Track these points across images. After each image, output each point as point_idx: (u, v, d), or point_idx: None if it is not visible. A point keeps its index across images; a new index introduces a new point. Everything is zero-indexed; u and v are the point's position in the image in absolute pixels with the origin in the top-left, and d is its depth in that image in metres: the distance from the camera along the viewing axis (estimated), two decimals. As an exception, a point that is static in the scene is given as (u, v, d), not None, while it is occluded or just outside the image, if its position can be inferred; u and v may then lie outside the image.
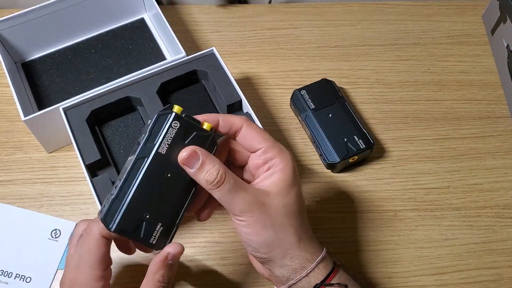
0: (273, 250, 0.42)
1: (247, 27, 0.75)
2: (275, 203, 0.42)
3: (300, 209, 0.44)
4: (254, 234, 0.42)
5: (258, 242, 0.42)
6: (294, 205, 0.43)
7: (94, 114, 0.57)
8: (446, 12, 0.78)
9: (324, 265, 0.44)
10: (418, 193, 0.62)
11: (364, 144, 0.61)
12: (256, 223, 0.42)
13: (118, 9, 0.70)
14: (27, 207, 0.59)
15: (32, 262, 0.56)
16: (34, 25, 0.65)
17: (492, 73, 0.72)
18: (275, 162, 0.43)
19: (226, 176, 0.41)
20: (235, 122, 0.44)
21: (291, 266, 0.43)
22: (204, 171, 0.41)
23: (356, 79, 0.70)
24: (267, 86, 0.69)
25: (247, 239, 0.42)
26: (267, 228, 0.42)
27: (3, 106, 0.67)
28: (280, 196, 0.42)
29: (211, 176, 0.40)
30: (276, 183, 0.43)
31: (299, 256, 0.43)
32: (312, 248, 0.44)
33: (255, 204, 0.41)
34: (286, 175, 0.43)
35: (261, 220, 0.42)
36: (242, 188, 0.41)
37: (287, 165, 0.43)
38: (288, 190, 0.43)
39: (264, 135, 0.44)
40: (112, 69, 0.68)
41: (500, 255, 0.58)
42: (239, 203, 0.41)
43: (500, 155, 0.65)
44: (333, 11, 0.77)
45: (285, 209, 0.42)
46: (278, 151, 0.43)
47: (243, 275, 0.56)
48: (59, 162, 0.62)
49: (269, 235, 0.42)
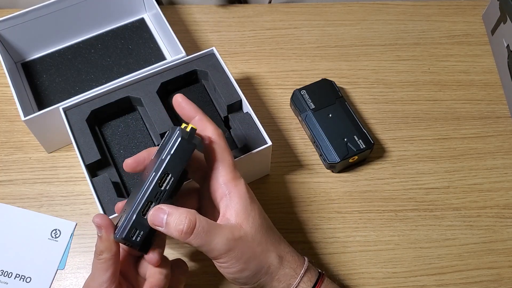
0: (261, 277, 0.43)
1: (247, 27, 0.75)
2: (249, 231, 0.42)
3: (269, 226, 0.44)
4: (239, 272, 0.42)
5: (246, 277, 0.42)
6: (264, 225, 0.43)
7: (94, 114, 0.57)
8: (446, 12, 0.78)
9: (309, 277, 0.44)
10: (418, 193, 0.62)
11: (364, 144, 0.61)
12: (239, 260, 0.41)
13: (118, 9, 0.70)
14: (27, 207, 0.59)
15: (32, 262, 0.56)
16: (34, 25, 0.65)
17: (492, 73, 0.72)
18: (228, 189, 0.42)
19: (197, 219, 0.40)
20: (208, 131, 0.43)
21: (279, 286, 0.43)
22: (172, 221, 0.40)
23: (356, 79, 0.70)
24: (267, 86, 0.69)
25: (234, 277, 0.42)
26: (251, 261, 0.42)
27: (3, 106, 0.67)
28: (250, 223, 0.42)
29: (181, 224, 0.39)
30: (238, 212, 0.42)
31: (284, 275, 0.43)
32: (295, 262, 0.44)
33: (232, 241, 0.41)
34: (243, 200, 0.42)
35: (243, 255, 0.41)
36: (216, 228, 0.41)
37: (240, 190, 0.42)
38: (253, 214, 0.42)
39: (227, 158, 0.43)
40: (112, 69, 0.68)
41: (500, 255, 0.58)
42: (217, 243, 0.40)
43: (500, 155, 0.65)
44: (333, 11, 0.77)
45: (260, 234, 0.42)
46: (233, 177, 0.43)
47: (243, 275, 0.56)
48: (59, 162, 0.62)
49: (254, 266, 0.42)
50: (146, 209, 0.41)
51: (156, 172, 0.41)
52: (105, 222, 0.42)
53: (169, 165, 0.41)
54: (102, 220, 0.42)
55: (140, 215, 0.41)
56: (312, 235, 0.59)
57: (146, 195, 0.41)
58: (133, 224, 0.41)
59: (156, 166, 0.41)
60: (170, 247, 0.57)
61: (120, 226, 0.42)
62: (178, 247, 0.57)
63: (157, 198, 0.41)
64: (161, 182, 0.41)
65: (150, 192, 0.41)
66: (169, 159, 0.40)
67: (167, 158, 0.41)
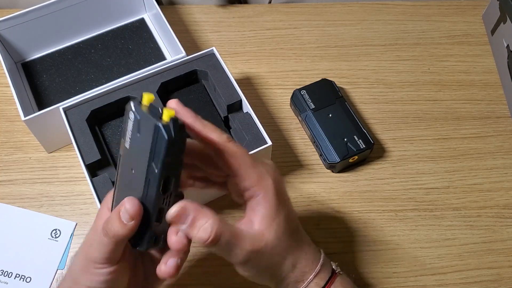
0: (272, 280, 0.44)
1: (247, 27, 0.75)
2: (270, 241, 0.41)
3: (293, 229, 0.44)
4: (251, 276, 0.43)
5: (263, 280, 0.44)
6: (287, 230, 0.43)
7: (94, 114, 0.57)
8: (446, 12, 0.78)
9: (321, 277, 0.45)
10: (418, 193, 0.62)
11: (364, 144, 0.61)
12: (254, 269, 0.42)
13: (118, 9, 0.70)
14: (27, 207, 0.59)
15: (32, 262, 0.56)
16: (34, 25, 0.65)
17: (492, 73, 0.72)
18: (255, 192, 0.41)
19: (222, 232, 0.38)
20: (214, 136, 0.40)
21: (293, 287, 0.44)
22: (196, 227, 0.38)
23: (356, 79, 0.70)
24: (267, 86, 0.69)
25: (244, 275, 0.43)
26: (266, 270, 0.43)
27: (3, 106, 0.67)
28: (273, 231, 0.41)
29: (205, 234, 0.38)
30: (263, 217, 0.41)
31: (296, 276, 0.44)
32: (307, 266, 0.44)
33: (251, 253, 0.40)
34: (269, 204, 0.41)
35: (260, 266, 0.42)
36: (238, 239, 0.40)
37: (267, 193, 0.41)
38: (278, 221, 0.42)
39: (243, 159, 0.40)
40: (112, 69, 0.68)
41: (500, 255, 0.58)
42: (236, 254, 0.40)
43: (500, 155, 0.65)
44: (333, 11, 0.77)
45: (281, 241, 0.42)
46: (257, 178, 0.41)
47: (243, 275, 0.56)
48: (59, 162, 0.62)
49: (269, 274, 0.43)
50: (159, 216, 0.38)
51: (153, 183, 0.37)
52: (138, 212, 0.38)
53: (166, 171, 0.37)
54: (136, 209, 0.38)
55: (156, 223, 0.38)
56: (312, 235, 0.58)
57: (156, 206, 0.38)
58: (151, 234, 0.39)
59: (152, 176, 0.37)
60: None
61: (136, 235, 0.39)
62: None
63: (166, 203, 0.38)
64: (165, 188, 0.37)
65: (156, 201, 0.37)
66: (162, 167, 0.36)
67: (160, 167, 0.36)
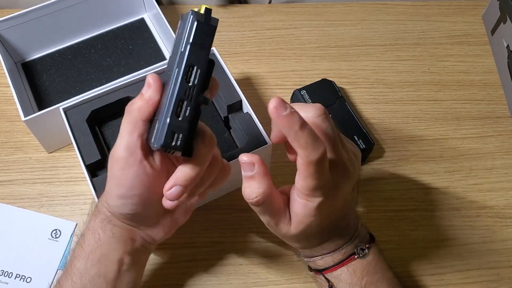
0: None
1: (247, 27, 0.75)
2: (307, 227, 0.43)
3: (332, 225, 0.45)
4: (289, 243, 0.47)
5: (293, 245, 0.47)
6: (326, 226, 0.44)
7: (94, 114, 0.57)
8: (446, 12, 0.78)
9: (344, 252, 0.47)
10: (418, 193, 0.62)
11: (364, 144, 0.61)
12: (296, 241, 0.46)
13: (118, 9, 0.70)
14: (27, 207, 0.59)
15: (32, 262, 0.56)
16: (34, 25, 0.65)
17: (492, 73, 0.72)
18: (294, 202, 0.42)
19: (263, 205, 0.40)
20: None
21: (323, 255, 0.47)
22: (248, 184, 0.40)
23: (356, 79, 0.70)
24: (267, 86, 0.69)
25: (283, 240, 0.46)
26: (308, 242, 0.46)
27: (3, 106, 0.67)
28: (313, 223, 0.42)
29: (250, 194, 0.40)
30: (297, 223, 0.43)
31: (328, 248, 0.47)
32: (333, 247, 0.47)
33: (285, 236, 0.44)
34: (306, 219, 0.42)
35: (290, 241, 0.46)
36: (278, 222, 0.42)
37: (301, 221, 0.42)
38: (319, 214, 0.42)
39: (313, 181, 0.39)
40: (112, 69, 0.68)
41: (500, 255, 0.58)
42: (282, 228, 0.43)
43: (500, 155, 0.65)
44: (333, 11, 0.77)
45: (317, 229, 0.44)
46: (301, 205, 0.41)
47: (243, 275, 0.56)
48: (59, 162, 0.62)
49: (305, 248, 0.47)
50: (179, 109, 0.36)
51: (179, 67, 0.36)
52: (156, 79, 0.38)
53: (192, 56, 0.35)
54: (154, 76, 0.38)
55: (174, 116, 0.36)
56: (312, 235, 0.59)
57: (175, 94, 0.36)
58: (169, 127, 0.36)
59: (177, 62, 0.36)
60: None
61: (155, 134, 0.37)
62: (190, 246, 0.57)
63: (188, 96, 0.36)
64: (187, 77, 0.36)
65: (179, 89, 0.36)
66: (190, 50, 0.35)
67: (187, 48, 0.35)
